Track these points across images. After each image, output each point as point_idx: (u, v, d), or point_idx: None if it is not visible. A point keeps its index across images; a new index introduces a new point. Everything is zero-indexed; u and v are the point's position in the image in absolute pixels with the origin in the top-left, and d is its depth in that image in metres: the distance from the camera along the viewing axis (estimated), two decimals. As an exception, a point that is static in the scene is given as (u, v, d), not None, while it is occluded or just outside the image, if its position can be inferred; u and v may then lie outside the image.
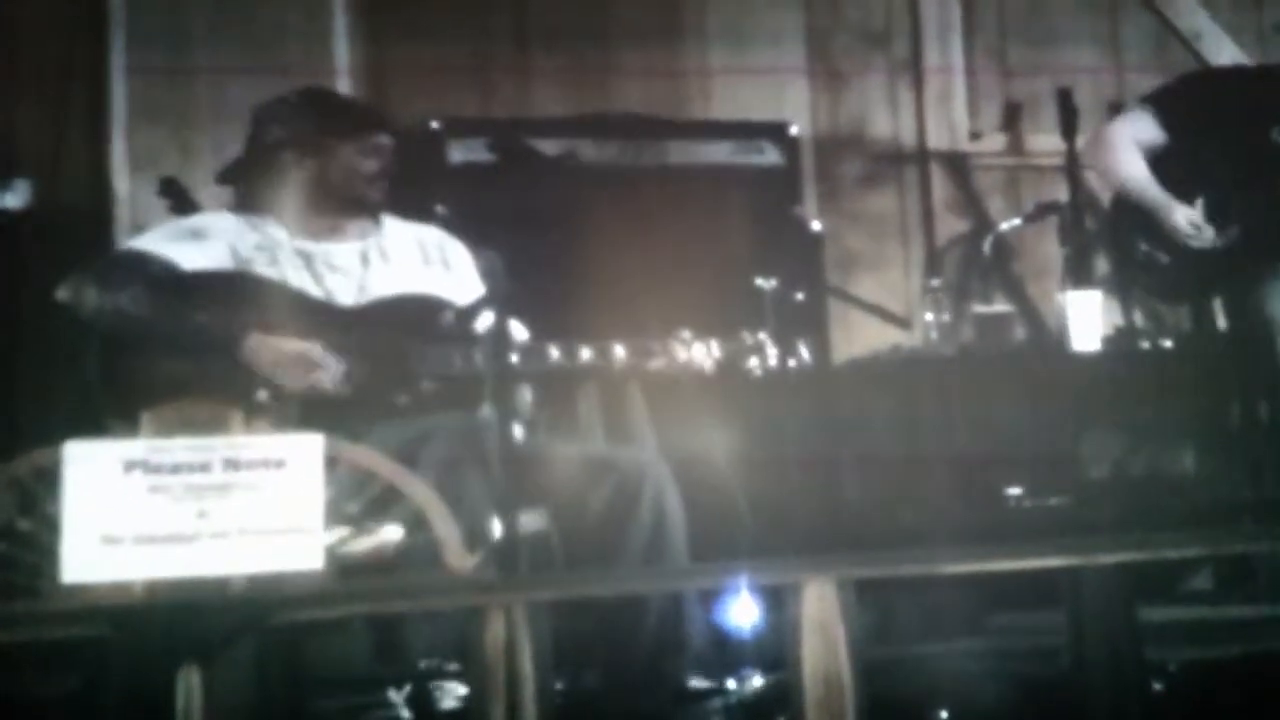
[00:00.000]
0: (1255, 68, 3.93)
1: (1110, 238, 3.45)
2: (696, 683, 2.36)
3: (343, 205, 2.59)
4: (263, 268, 2.48)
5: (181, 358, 2.33)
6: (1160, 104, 3.32)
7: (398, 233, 2.64)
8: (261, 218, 2.56)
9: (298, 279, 2.49)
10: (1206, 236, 3.15)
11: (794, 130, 3.87)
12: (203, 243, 2.49)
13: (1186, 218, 3.16)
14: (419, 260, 2.62)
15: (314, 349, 2.38)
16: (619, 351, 2.39)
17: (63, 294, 2.44)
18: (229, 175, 2.68)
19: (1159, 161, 3.25)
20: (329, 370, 2.37)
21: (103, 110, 3.80)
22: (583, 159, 3.57)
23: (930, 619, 2.84)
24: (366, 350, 2.40)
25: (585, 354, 2.39)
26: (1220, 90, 3.42)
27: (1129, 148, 3.25)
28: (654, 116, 3.97)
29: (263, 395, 2.31)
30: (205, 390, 2.25)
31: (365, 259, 2.56)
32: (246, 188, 2.62)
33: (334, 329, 2.42)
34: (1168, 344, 3.59)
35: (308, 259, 2.52)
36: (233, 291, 2.44)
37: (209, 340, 2.36)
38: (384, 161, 2.59)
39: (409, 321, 2.47)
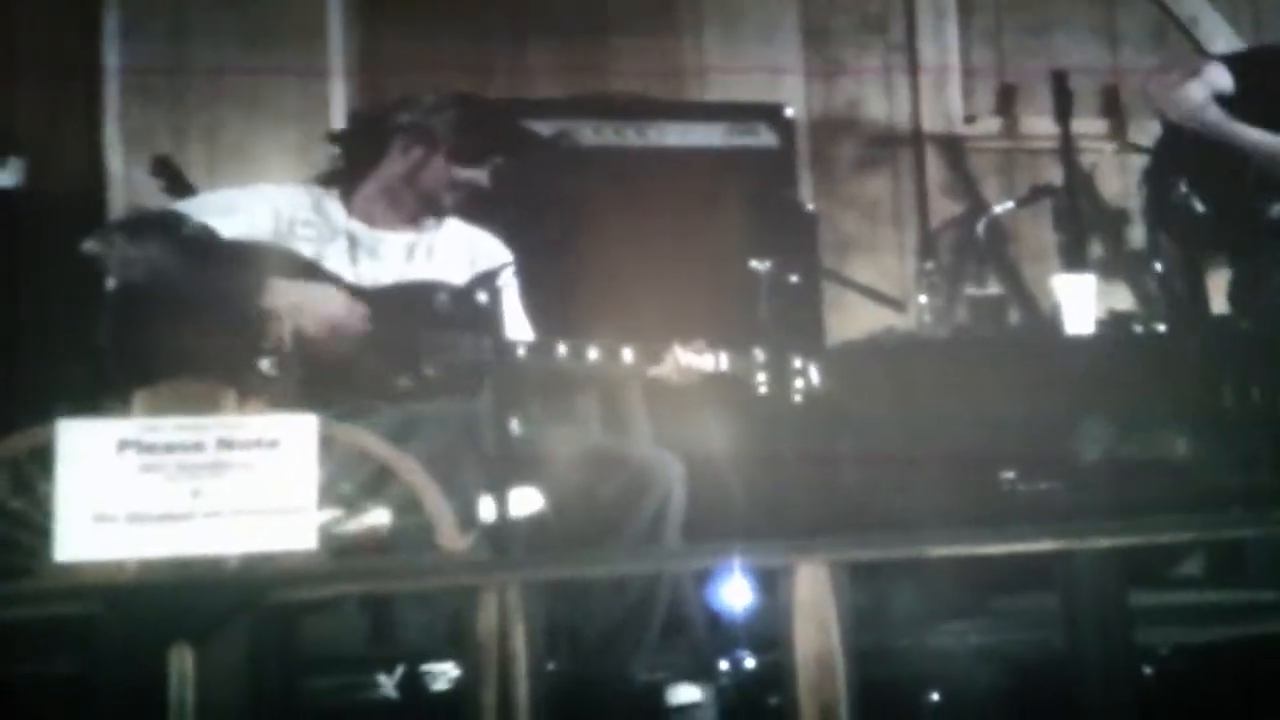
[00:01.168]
0: None
1: (1149, 175, 3.42)
2: (648, 677, 2.36)
3: (416, 205, 2.59)
4: (301, 242, 2.49)
5: (194, 320, 2.32)
6: (1238, 63, 3.31)
7: (454, 233, 2.64)
8: (326, 191, 2.58)
9: (336, 260, 2.49)
10: None
11: (789, 113, 3.86)
12: (243, 211, 2.49)
13: None
14: (465, 263, 2.61)
15: (334, 296, 2.38)
16: (626, 355, 2.40)
17: (90, 245, 2.42)
18: (339, 136, 2.70)
19: None
20: (353, 321, 2.36)
21: (97, 90, 3.79)
22: (578, 140, 3.56)
23: (924, 603, 2.85)
24: (379, 330, 2.40)
25: (592, 354, 2.39)
26: None
27: (1208, 88, 3.24)
28: (649, 98, 3.96)
29: (266, 364, 2.30)
30: (211, 355, 2.26)
31: (411, 253, 2.58)
32: (345, 154, 2.63)
33: (354, 302, 2.41)
34: (1161, 327, 3.59)
35: (353, 241, 2.53)
36: (259, 260, 2.43)
37: (229, 296, 2.35)
38: (480, 178, 2.59)
39: (422, 305, 2.47)
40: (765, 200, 3.70)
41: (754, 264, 3.13)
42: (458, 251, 2.63)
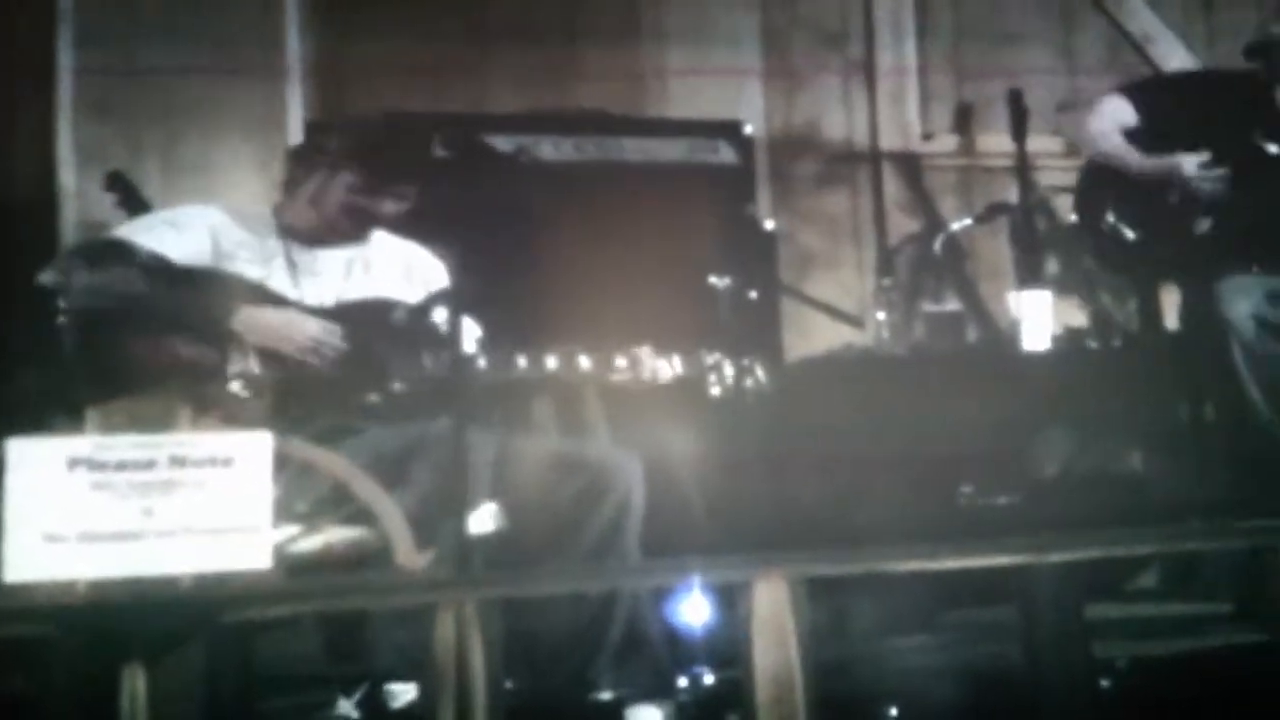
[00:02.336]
0: (1227, 72, 3.98)
1: (1077, 207, 3.47)
2: (608, 695, 2.36)
3: (347, 224, 2.58)
4: (242, 264, 2.47)
5: (161, 344, 2.30)
6: (1137, 94, 3.36)
7: (387, 247, 2.64)
8: (258, 211, 2.57)
9: (278, 279, 2.48)
10: (1217, 176, 3.15)
11: (749, 129, 3.88)
12: (184, 235, 2.47)
13: (1194, 163, 3.16)
14: (401, 277, 2.61)
15: (308, 319, 2.38)
16: (582, 362, 2.40)
17: (47, 277, 2.40)
18: (289, 154, 2.70)
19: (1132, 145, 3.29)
20: (324, 340, 2.36)
21: (50, 103, 3.75)
22: (538, 155, 3.56)
23: (882, 617, 2.85)
24: (349, 347, 2.39)
25: (550, 362, 2.39)
26: (1195, 90, 3.47)
27: (1115, 123, 3.29)
28: (610, 114, 3.97)
29: (236, 385, 2.29)
30: (184, 375, 2.24)
31: (349, 268, 2.57)
32: (291, 172, 2.62)
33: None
34: (1116, 343, 3.63)
35: (291, 261, 2.52)
36: (211, 285, 2.43)
37: (202, 313, 2.35)
38: (393, 208, 2.58)
39: (379, 323, 2.47)
40: (724, 217, 3.72)
41: (713, 280, 3.15)
42: (394, 264, 2.62)
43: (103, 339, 2.33)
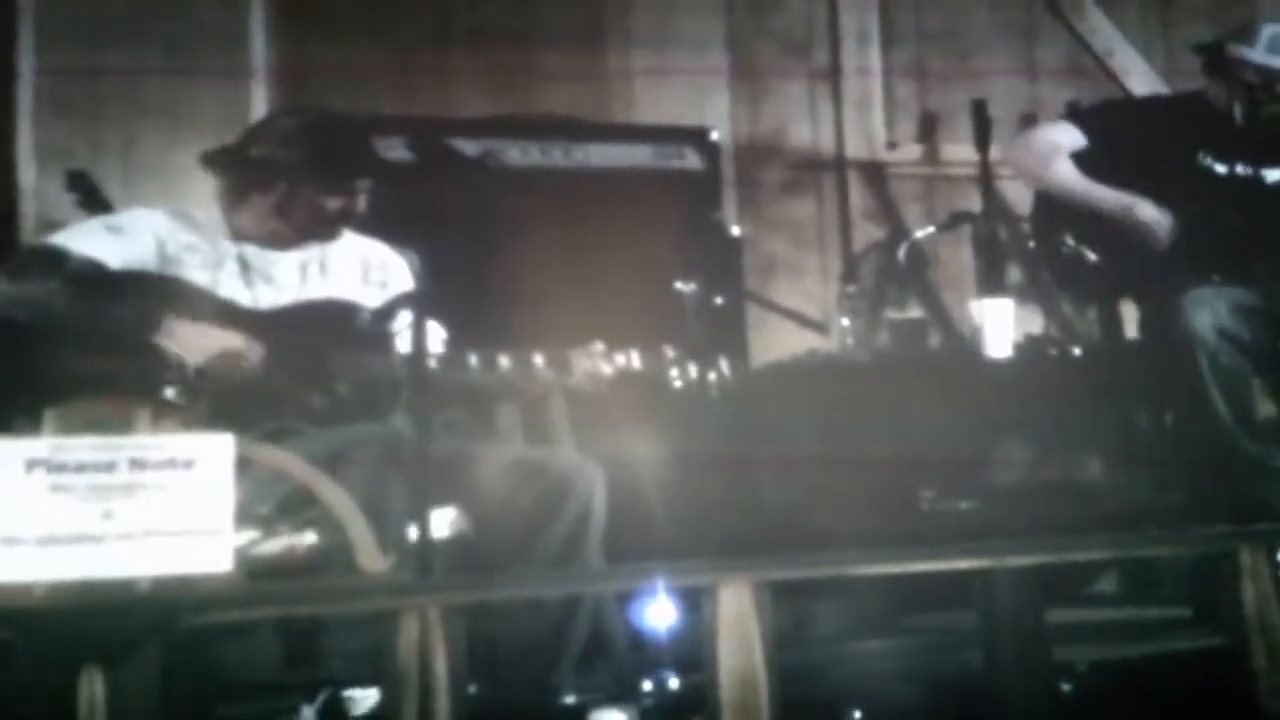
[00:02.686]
0: (1172, 96, 4.02)
1: (1033, 235, 3.49)
2: (572, 700, 2.35)
3: (298, 227, 2.54)
4: (191, 269, 2.44)
5: (93, 351, 2.27)
6: (1085, 121, 3.39)
7: (344, 247, 2.60)
8: (207, 214, 2.52)
9: (229, 284, 2.45)
10: (1170, 226, 3.19)
11: (715, 136, 3.89)
12: (126, 240, 2.43)
13: (1151, 211, 3.18)
14: (358, 278, 2.59)
15: (233, 334, 2.34)
16: (538, 361, 2.39)
17: None
18: (212, 160, 2.64)
19: (1082, 172, 3.31)
20: (248, 354, 2.33)
21: (10, 103, 3.70)
22: (504, 160, 3.56)
23: (845, 621, 2.87)
24: (284, 351, 2.36)
25: (504, 363, 2.38)
26: (1142, 116, 3.50)
27: (1059, 153, 3.30)
28: (576, 119, 3.97)
29: (171, 392, 2.26)
30: (115, 384, 2.21)
31: (304, 271, 2.53)
32: (224, 179, 2.57)
33: (251, 329, 2.37)
34: (1077, 352, 3.66)
35: (245, 264, 2.48)
36: (151, 291, 2.39)
37: (125, 328, 2.30)
38: (353, 203, 2.55)
39: (327, 325, 2.44)
40: (691, 222, 3.73)
41: (679, 285, 3.15)
42: (351, 264, 2.59)
43: (32, 349, 2.29)
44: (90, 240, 2.43)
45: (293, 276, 2.52)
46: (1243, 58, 3.22)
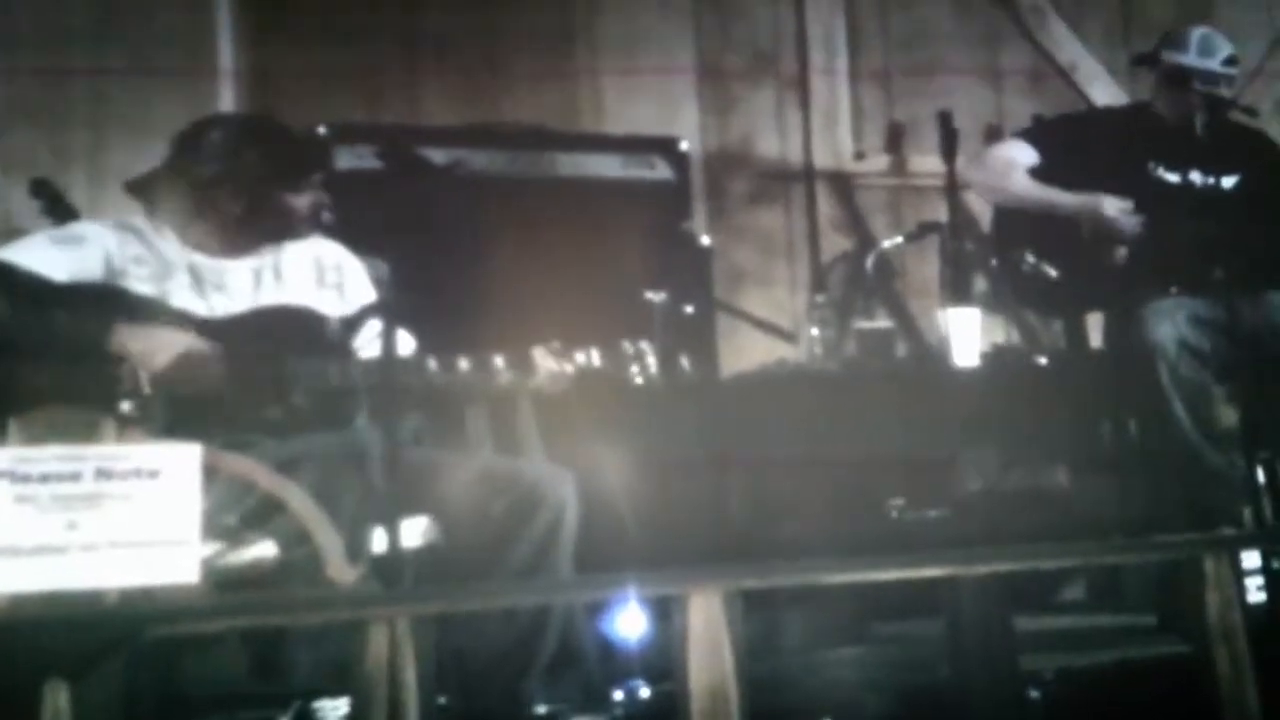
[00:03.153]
0: (1121, 107, 4.07)
1: (995, 251, 3.53)
2: (544, 707, 2.34)
3: (249, 236, 2.51)
4: (140, 281, 2.40)
5: (45, 365, 2.23)
6: (1037, 138, 3.42)
7: (297, 250, 2.57)
8: (153, 227, 2.48)
9: (181, 295, 2.41)
10: (1137, 220, 3.22)
11: (684, 146, 3.90)
12: (72, 253, 2.39)
13: (1116, 206, 3.23)
14: (313, 282, 2.56)
15: (188, 338, 2.30)
16: (498, 363, 2.38)
17: None
18: (140, 187, 2.59)
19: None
20: (205, 358, 2.30)
21: (-27, 110, 3.67)
22: (473, 168, 3.55)
23: (814, 630, 2.87)
24: (240, 359, 2.33)
25: (463, 365, 2.37)
26: (1092, 129, 3.54)
27: (1017, 168, 3.34)
28: (545, 128, 3.97)
29: (127, 406, 2.23)
30: (68, 398, 2.18)
31: (258, 278, 2.50)
32: (157, 202, 2.53)
33: (203, 337, 2.34)
34: (1043, 361, 3.69)
35: (196, 275, 2.45)
36: (100, 303, 2.34)
37: (74, 340, 2.26)
38: (317, 198, 2.53)
39: (283, 333, 2.41)
40: (660, 232, 3.73)
41: (649, 295, 3.15)
42: (305, 268, 2.56)
43: None
44: (35, 253, 2.39)
45: (246, 284, 2.48)
46: (1177, 63, 3.27)
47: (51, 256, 2.38)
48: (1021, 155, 3.36)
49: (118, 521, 1.55)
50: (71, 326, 2.28)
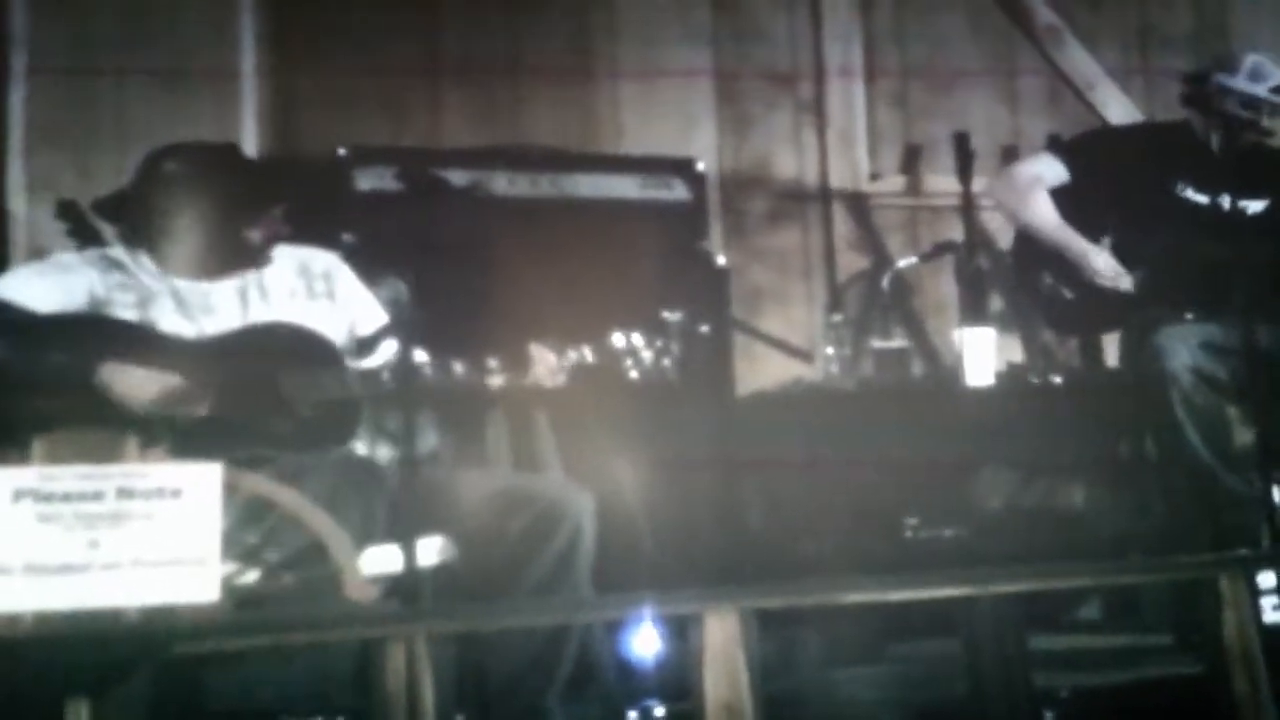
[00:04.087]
0: (1155, 124, 4.07)
1: (1013, 271, 3.53)
2: None
3: (227, 258, 2.52)
4: (125, 309, 2.41)
5: (38, 398, 2.23)
6: (1067, 152, 3.43)
7: (281, 263, 2.57)
8: (132, 253, 2.49)
9: (167, 320, 2.42)
10: (1124, 282, 3.24)
11: (701, 167, 3.92)
12: (54, 284, 2.41)
13: (1106, 263, 3.25)
14: (302, 294, 2.57)
15: (170, 374, 2.30)
16: (491, 363, 2.39)
17: None
18: (107, 207, 2.61)
19: (1063, 204, 3.35)
20: (192, 390, 2.30)
21: (1, 130, 3.71)
22: (492, 190, 3.57)
23: (830, 649, 2.87)
24: (231, 378, 2.33)
25: (458, 369, 2.38)
26: (1124, 145, 3.54)
27: (1038, 189, 3.35)
28: (564, 150, 3.99)
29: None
30: (90, 420, 2.19)
31: (244, 297, 2.50)
32: (130, 221, 2.55)
33: (193, 360, 2.35)
34: (1059, 380, 3.69)
35: (180, 300, 2.45)
36: (87, 332, 2.35)
37: (62, 375, 2.26)
38: (272, 232, 2.53)
39: (275, 348, 2.42)
40: (677, 252, 3.75)
41: (666, 314, 3.17)
42: (291, 280, 2.57)
43: None
44: (18, 286, 2.41)
45: (233, 304, 2.49)
46: (1227, 86, 3.27)
47: (35, 288, 2.40)
48: (1049, 171, 3.37)
49: (140, 540, 1.57)
50: (56, 363, 2.28)
